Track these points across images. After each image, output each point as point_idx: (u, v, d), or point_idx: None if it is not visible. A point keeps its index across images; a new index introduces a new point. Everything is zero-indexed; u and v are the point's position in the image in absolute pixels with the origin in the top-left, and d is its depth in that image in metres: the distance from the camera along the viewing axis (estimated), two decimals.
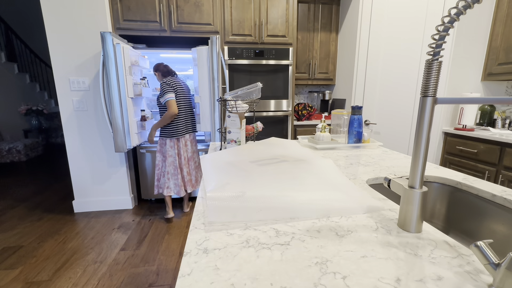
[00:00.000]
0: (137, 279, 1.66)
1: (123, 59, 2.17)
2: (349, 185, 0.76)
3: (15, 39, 5.11)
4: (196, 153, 2.51)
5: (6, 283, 1.63)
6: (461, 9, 0.46)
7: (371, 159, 1.18)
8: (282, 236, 0.55)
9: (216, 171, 0.85)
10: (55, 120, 5.40)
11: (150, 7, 2.40)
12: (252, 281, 0.41)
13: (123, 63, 2.17)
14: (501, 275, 0.38)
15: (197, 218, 0.63)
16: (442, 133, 2.34)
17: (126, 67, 2.20)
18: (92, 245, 2.03)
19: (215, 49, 2.31)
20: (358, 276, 0.43)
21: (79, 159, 2.51)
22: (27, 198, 2.93)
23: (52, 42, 2.27)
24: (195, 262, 0.46)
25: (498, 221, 0.77)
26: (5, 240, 2.10)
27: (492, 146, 1.93)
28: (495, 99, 0.44)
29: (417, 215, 0.55)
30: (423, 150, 0.54)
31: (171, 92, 2.15)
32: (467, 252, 0.50)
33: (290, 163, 0.95)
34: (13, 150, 4.00)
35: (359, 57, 2.69)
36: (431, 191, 0.98)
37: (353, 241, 0.53)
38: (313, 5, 3.01)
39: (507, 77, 2.14)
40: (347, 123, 1.44)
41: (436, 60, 0.50)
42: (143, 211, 2.61)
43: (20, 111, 4.61)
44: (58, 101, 2.59)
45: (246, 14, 2.59)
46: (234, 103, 1.19)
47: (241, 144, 1.23)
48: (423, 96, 0.52)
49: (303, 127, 3.01)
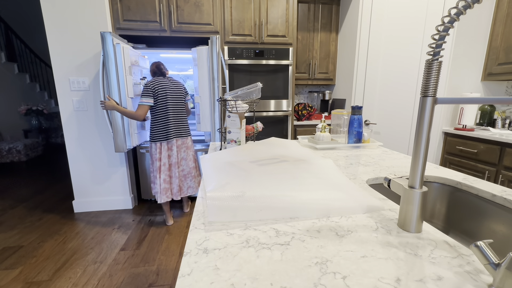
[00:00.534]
0: (137, 279, 1.66)
1: (123, 59, 2.17)
2: (349, 185, 0.76)
3: (15, 39, 5.11)
4: (187, 160, 2.30)
5: (6, 283, 1.63)
6: (461, 9, 0.46)
7: (371, 159, 1.18)
8: (282, 236, 0.55)
9: (216, 171, 0.85)
10: (55, 120, 5.40)
11: (150, 7, 2.40)
12: (252, 281, 0.41)
13: (123, 63, 2.16)
14: (501, 275, 0.38)
15: (197, 218, 0.63)
16: (442, 133, 2.34)
17: (126, 67, 2.20)
18: (92, 245, 2.03)
19: (215, 49, 2.31)
20: (358, 276, 0.43)
21: (79, 159, 2.51)
22: (27, 198, 2.93)
23: (52, 42, 2.27)
24: (195, 262, 0.46)
25: (498, 221, 0.77)
26: (5, 240, 2.10)
27: (492, 146, 1.93)
28: (495, 99, 0.44)
29: (417, 215, 0.55)
30: (423, 150, 0.54)
31: (149, 97, 2.04)
32: (467, 252, 0.49)
33: (290, 163, 0.95)
34: (13, 150, 4.00)
35: (359, 57, 2.69)
36: (431, 191, 0.98)
37: (353, 241, 0.53)
38: (313, 5, 3.02)
39: (507, 77, 2.14)
40: (347, 123, 1.44)
41: (436, 60, 0.50)
42: (143, 211, 2.61)
43: (20, 111, 4.61)
44: (58, 101, 2.59)
45: (246, 14, 2.59)
46: (234, 103, 1.19)
47: (241, 144, 1.23)
48: (423, 96, 0.52)
49: (303, 127, 3.01)
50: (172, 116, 2.17)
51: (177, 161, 2.23)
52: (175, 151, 2.21)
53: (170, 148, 2.20)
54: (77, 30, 2.28)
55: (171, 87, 2.16)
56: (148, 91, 2.04)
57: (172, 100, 2.16)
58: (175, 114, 2.19)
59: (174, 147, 2.20)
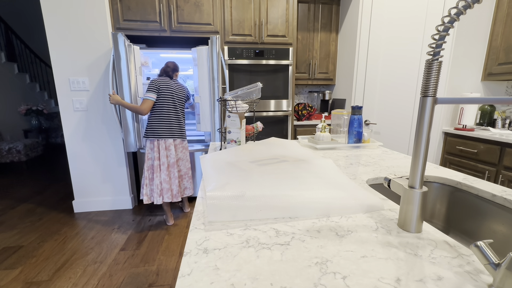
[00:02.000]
0: (137, 279, 1.66)
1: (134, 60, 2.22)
2: (350, 183, 0.76)
3: (15, 39, 5.11)
4: (184, 160, 2.32)
5: (6, 283, 1.63)
6: (461, 9, 0.46)
7: (371, 159, 1.18)
8: (282, 236, 0.55)
9: (216, 171, 0.85)
10: (55, 120, 5.40)
11: (150, 7, 2.40)
12: (252, 281, 0.41)
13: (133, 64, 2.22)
14: (501, 275, 0.38)
15: (197, 218, 0.63)
16: (442, 133, 2.34)
17: (136, 68, 2.27)
18: (92, 245, 2.03)
19: (215, 49, 2.31)
20: (358, 276, 0.43)
21: (79, 159, 2.51)
22: (27, 198, 2.93)
23: (52, 42, 2.27)
24: (195, 262, 0.46)
25: (498, 221, 0.77)
26: (5, 240, 2.10)
27: (492, 146, 1.93)
28: (495, 99, 0.44)
29: (417, 215, 0.55)
30: (423, 150, 0.54)
31: (153, 92, 2.09)
32: (467, 252, 0.49)
33: (290, 163, 0.95)
34: (13, 150, 3.99)
35: (359, 57, 2.69)
36: (431, 191, 0.98)
37: (353, 241, 0.53)
38: (313, 5, 3.01)
39: (507, 77, 2.14)
40: (347, 123, 1.44)
41: (436, 60, 0.50)
42: (143, 211, 2.61)
43: (20, 111, 4.61)
44: (58, 101, 2.59)
45: (246, 14, 2.59)
46: (234, 103, 1.19)
47: (241, 144, 1.23)
48: (423, 96, 0.52)
49: (303, 127, 3.01)
50: (172, 116, 2.19)
51: (175, 161, 2.23)
52: (173, 151, 2.21)
53: (168, 148, 2.19)
54: (77, 30, 2.28)
55: (175, 89, 2.20)
56: (153, 87, 2.10)
57: (173, 101, 2.19)
58: (175, 115, 2.21)
59: (172, 146, 2.20)
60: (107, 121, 2.47)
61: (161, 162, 2.17)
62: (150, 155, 2.18)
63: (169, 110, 2.17)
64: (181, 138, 2.27)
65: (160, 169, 2.18)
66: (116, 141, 2.53)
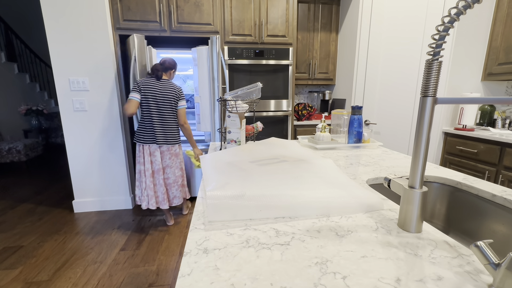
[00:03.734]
0: (137, 279, 1.66)
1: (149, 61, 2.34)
2: (350, 183, 0.76)
3: (15, 39, 5.11)
4: (173, 168, 2.17)
5: (6, 283, 1.63)
6: (461, 9, 0.46)
7: (371, 159, 1.18)
8: (282, 236, 0.55)
9: (216, 171, 0.85)
10: (55, 120, 5.40)
11: (150, 7, 2.40)
12: (252, 281, 0.41)
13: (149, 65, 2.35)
14: (501, 275, 0.38)
15: (197, 218, 0.63)
16: (442, 133, 2.34)
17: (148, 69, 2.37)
18: (92, 245, 2.03)
19: (215, 49, 2.31)
20: (358, 276, 0.43)
21: (79, 159, 2.51)
22: (27, 198, 2.93)
23: (52, 42, 2.27)
24: (195, 262, 0.46)
25: (498, 221, 0.77)
26: (5, 240, 2.10)
27: (492, 146, 1.93)
28: (495, 99, 0.44)
29: (417, 215, 0.55)
30: (423, 150, 0.54)
31: (135, 92, 2.00)
32: (467, 252, 0.49)
33: (290, 163, 0.95)
34: (13, 150, 3.99)
35: (359, 57, 2.69)
36: (431, 191, 0.98)
37: (353, 241, 0.53)
38: (313, 5, 3.01)
39: (507, 77, 2.14)
40: (347, 123, 1.44)
41: (436, 60, 0.50)
42: (143, 211, 2.61)
43: (20, 111, 4.60)
44: (58, 101, 2.59)
45: (246, 14, 2.59)
46: (234, 103, 1.19)
47: (241, 144, 1.23)
48: (423, 96, 0.52)
49: (303, 127, 3.01)
50: (156, 120, 2.05)
51: (161, 168, 2.12)
52: (158, 157, 2.10)
53: (153, 154, 2.09)
54: (77, 30, 2.28)
55: (159, 90, 2.04)
56: (135, 87, 2.02)
57: (156, 103, 2.04)
58: (158, 118, 2.05)
59: (157, 152, 2.09)
60: (107, 121, 2.48)
61: (146, 168, 2.08)
62: (138, 159, 2.12)
63: (150, 113, 2.03)
64: (169, 144, 2.11)
65: (145, 175, 2.10)
66: (116, 141, 2.53)
